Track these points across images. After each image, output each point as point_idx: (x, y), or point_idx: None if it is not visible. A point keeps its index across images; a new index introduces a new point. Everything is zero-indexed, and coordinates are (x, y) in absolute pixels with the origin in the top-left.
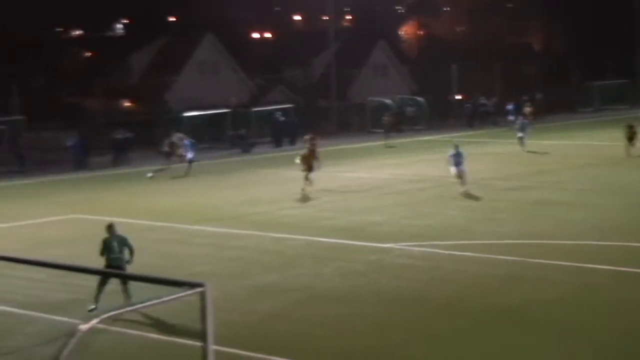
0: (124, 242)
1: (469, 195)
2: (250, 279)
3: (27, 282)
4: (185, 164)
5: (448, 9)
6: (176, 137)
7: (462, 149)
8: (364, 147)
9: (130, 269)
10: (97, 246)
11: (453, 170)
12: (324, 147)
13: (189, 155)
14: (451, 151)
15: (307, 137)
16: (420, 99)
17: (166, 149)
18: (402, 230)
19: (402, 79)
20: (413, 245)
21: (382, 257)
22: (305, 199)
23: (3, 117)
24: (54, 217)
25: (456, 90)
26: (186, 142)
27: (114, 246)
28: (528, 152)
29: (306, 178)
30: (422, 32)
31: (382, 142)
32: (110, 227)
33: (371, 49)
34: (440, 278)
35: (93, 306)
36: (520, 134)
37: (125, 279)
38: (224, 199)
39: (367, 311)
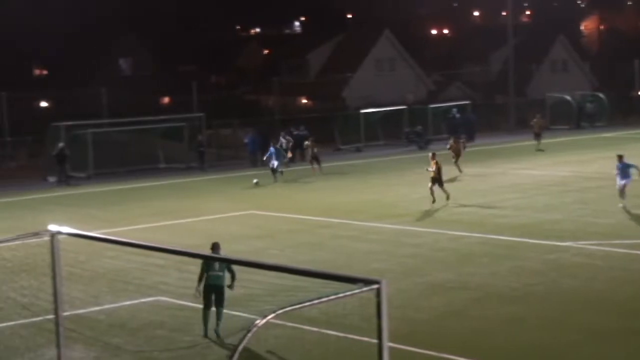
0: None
1: None
2: (425, 276)
3: None
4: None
5: (631, 2)
6: (285, 139)
7: (627, 160)
8: (543, 144)
9: (306, 264)
10: (275, 242)
11: (618, 182)
12: (502, 145)
13: (273, 163)
14: (617, 163)
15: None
16: (601, 95)
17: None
18: (582, 228)
19: (583, 75)
20: (592, 244)
21: (559, 255)
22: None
23: (184, 115)
24: (232, 213)
25: (639, 86)
26: (272, 148)
27: (214, 265)
28: None
29: (435, 189)
30: (603, 27)
31: (534, 143)
32: (215, 246)
33: (550, 45)
34: (620, 278)
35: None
36: None
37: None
38: (399, 196)
39: (542, 310)
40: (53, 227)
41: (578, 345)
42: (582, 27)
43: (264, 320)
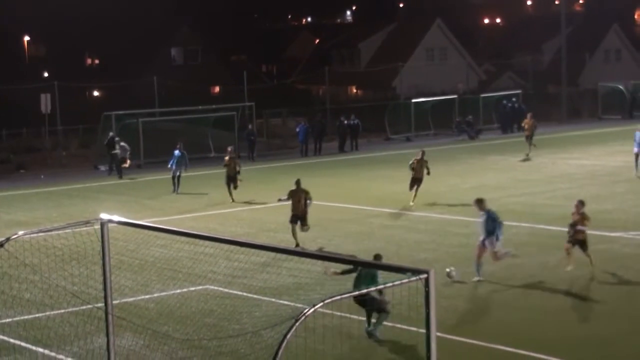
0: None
1: None
2: (474, 266)
3: (252, 266)
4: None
5: None
6: (119, 145)
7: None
8: (594, 134)
9: (354, 254)
10: (324, 231)
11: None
12: (553, 134)
13: (174, 170)
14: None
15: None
16: None
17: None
18: (633, 219)
19: (636, 64)
20: None
21: (610, 246)
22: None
23: (234, 104)
24: (281, 203)
25: None
26: (176, 152)
27: (362, 279)
28: None
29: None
30: None
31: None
32: (377, 257)
33: (604, 34)
34: None
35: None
36: None
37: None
38: (449, 186)
39: (591, 301)
40: (103, 216)
41: (628, 335)
42: (636, 16)
43: (313, 310)
